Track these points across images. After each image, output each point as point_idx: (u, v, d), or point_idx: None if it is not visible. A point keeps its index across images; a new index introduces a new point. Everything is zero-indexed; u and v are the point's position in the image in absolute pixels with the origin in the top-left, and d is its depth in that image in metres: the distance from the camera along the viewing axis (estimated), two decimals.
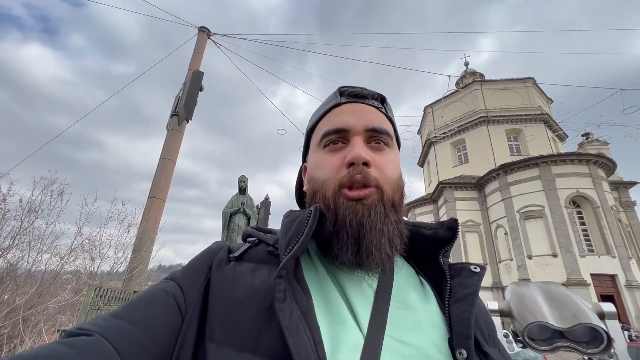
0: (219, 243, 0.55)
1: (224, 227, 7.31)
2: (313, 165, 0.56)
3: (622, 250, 18.51)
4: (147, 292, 0.45)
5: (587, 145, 26.70)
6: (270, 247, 0.51)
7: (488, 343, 0.46)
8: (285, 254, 0.44)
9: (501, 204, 21.87)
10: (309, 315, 0.41)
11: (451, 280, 0.49)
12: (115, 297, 5.32)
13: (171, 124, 8.37)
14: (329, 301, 0.45)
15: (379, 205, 0.48)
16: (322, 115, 0.58)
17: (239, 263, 0.50)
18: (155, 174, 8.03)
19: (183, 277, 0.48)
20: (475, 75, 31.87)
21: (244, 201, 7.59)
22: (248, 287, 0.45)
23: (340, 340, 0.40)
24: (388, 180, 0.51)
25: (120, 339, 0.37)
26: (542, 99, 28.67)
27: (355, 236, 0.46)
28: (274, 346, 0.38)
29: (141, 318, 0.40)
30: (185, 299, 0.45)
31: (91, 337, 0.36)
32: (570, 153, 21.39)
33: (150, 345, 0.39)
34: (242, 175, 7.88)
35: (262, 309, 0.42)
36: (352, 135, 0.53)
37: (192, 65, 9.23)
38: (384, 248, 0.46)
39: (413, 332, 0.43)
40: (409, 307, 0.47)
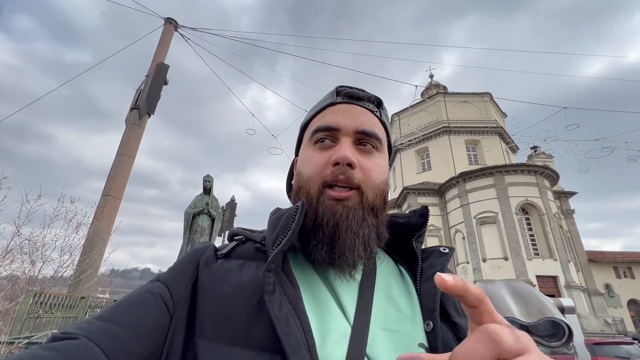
0: (204, 243, 0.56)
1: (186, 228, 6.97)
2: (302, 160, 0.57)
3: (563, 254, 20.38)
4: (133, 294, 0.45)
5: (535, 158, 29.14)
6: (258, 244, 0.52)
7: (461, 314, 0.49)
8: (273, 249, 0.45)
9: (460, 210, 23.16)
10: (298, 307, 0.41)
11: (423, 263, 0.52)
12: (59, 304, 4.84)
13: (131, 118, 7.84)
14: (317, 294, 0.46)
15: (358, 208, 0.49)
16: (317, 112, 0.59)
17: (226, 260, 0.50)
18: (111, 171, 7.46)
19: (169, 277, 0.48)
20: (439, 87, 33.61)
21: (209, 202, 7.30)
22: (236, 282, 0.45)
23: (329, 329, 0.42)
24: (371, 184, 0.51)
25: (108, 342, 0.37)
26: (498, 113, 30.91)
27: (330, 236, 0.47)
28: (265, 338, 0.39)
29: (128, 319, 0.40)
30: (173, 298, 0.45)
31: (77, 341, 0.35)
32: (520, 164, 23.27)
33: (138, 346, 0.39)
34: (207, 175, 7.58)
35: (251, 303, 0.42)
36: (342, 135, 0.53)
37: (157, 57, 8.75)
38: (357, 251, 0.47)
39: (396, 319, 0.46)
40: (391, 297, 0.49)
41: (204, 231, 7.01)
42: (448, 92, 31.35)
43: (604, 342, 7.80)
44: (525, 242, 20.32)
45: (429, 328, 0.44)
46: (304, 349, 0.37)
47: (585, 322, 19.04)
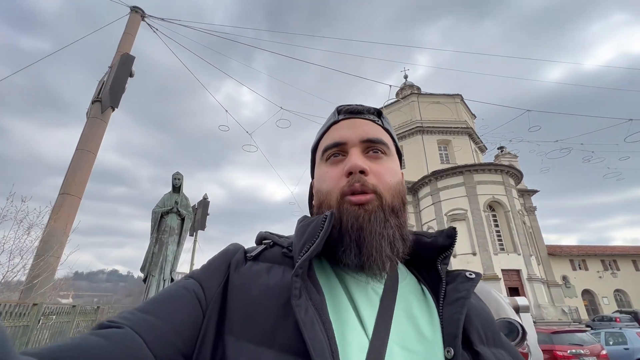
0: (235, 245, 0.58)
1: (154, 228, 6.66)
2: (318, 178, 0.59)
3: (525, 248, 21.63)
4: (170, 289, 0.48)
5: (501, 157, 30.65)
6: (285, 249, 0.54)
7: (485, 343, 0.48)
8: (301, 255, 0.47)
9: (432, 207, 23.92)
10: (322, 312, 0.43)
11: (447, 286, 0.52)
12: (8, 312, 4.44)
13: (92, 111, 7.34)
14: (338, 303, 0.47)
15: (378, 210, 0.51)
16: (322, 133, 0.62)
17: (255, 263, 0.52)
18: (70, 167, 6.96)
19: (203, 275, 0.50)
20: (413, 87, 34.45)
21: (178, 200, 7.01)
22: (264, 285, 0.47)
23: (347, 340, 0.42)
24: (387, 186, 0.53)
25: (148, 332, 0.39)
26: (468, 114, 32.17)
27: (356, 239, 0.49)
28: (290, 340, 0.41)
29: (166, 313, 0.43)
30: (206, 296, 0.47)
31: (122, 330, 0.38)
32: (488, 163, 24.36)
33: (176, 338, 0.41)
34: (177, 173, 7.28)
35: (278, 305, 0.44)
36: (350, 147, 0.56)
37: (122, 47, 8.26)
38: (384, 251, 0.48)
39: (415, 339, 0.46)
40: (411, 315, 0.49)
41: (173, 231, 6.73)
42: (421, 93, 32.21)
43: (560, 331, 8.36)
44: (492, 238, 21.36)
45: (449, 355, 0.43)
46: (328, 354, 0.38)
47: (545, 312, 20.34)
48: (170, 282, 6.48)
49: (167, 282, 6.41)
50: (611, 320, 18.05)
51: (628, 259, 31.44)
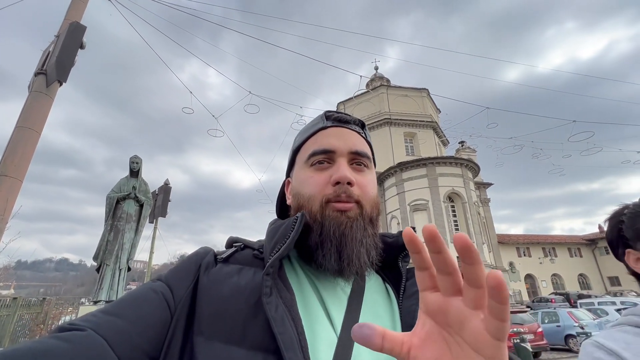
0: (205, 248, 0.59)
1: (109, 214, 6.24)
2: (300, 181, 0.60)
3: (479, 237, 23.27)
4: (136, 290, 0.48)
5: (461, 151, 32.37)
6: (256, 251, 0.55)
7: None
8: (272, 255, 0.48)
9: (396, 197, 24.82)
10: (292, 309, 0.44)
11: (407, 282, 0.55)
12: None
13: (36, 84, 6.60)
14: (308, 302, 0.49)
15: (359, 219, 0.53)
16: (309, 136, 0.62)
17: (225, 265, 0.53)
18: (8, 147, 6.24)
19: (171, 277, 0.51)
20: (383, 79, 34.98)
21: (136, 185, 6.61)
22: (235, 285, 0.48)
23: (317, 337, 0.44)
24: (368, 198, 0.56)
25: (113, 335, 0.39)
26: (433, 109, 33.41)
27: (337, 245, 0.50)
28: (260, 337, 0.42)
29: (132, 315, 0.42)
30: (174, 297, 0.47)
31: (84, 332, 0.38)
32: (450, 157, 25.68)
33: (142, 340, 0.41)
34: (135, 156, 6.83)
35: (248, 305, 0.45)
36: (338, 156, 0.57)
37: (71, 15, 7.43)
38: (362, 257, 0.51)
39: None
40: (376, 313, 0.52)
41: (130, 218, 6.36)
42: (390, 86, 32.83)
43: None
44: (450, 228, 22.69)
45: None
46: (298, 349, 0.39)
47: None
48: (127, 271, 6.17)
49: (124, 272, 6.10)
50: (548, 302, 20.22)
51: (564, 246, 35.10)
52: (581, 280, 34.07)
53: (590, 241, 35.51)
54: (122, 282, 6.07)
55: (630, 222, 0.81)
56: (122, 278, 6.07)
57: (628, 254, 0.81)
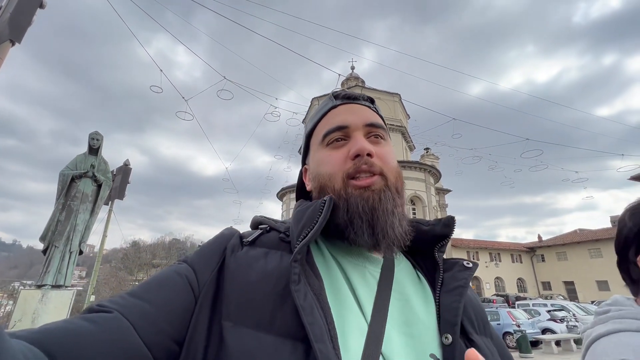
0: (230, 229, 0.57)
1: (61, 192, 5.75)
2: (317, 162, 0.58)
3: None
4: (162, 273, 0.47)
5: (426, 157, 33.93)
6: (282, 234, 0.53)
7: (477, 332, 0.49)
8: (299, 240, 0.46)
9: None
10: (321, 298, 0.43)
11: (444, 274, 0.52)
12: None
13: None
14: (337, 288, 0.47)
15: (386, 190, 0.51)
16: (320, 118, 0.61)
17: (252, 248, 0.51)
18: None
19: (196, 260, 0.49)
20: (358, 80, 35.47)
21: (95, 164, 6.15)
22: (262, 270, 0.46)
23: (347, 325, 0.42)
24: (390, 168, 0.54)
25: (138, 318, 0.39)
26: (403, 114, 34.55)
27: (369, 220, 0.49)
28: (288, 325, 0.41)
29: (157, 298, 0.42)
30: (199, 281, 0.46)
31: (111, 314, 0.38)
32: (415, 162, 26.85)
33: (166, 324, 0.41)
34: (96, 132, 6.35)
35: (276, 290, 0.44)
36: (353, 130, 0.56)
37: None
38: (397, 228, 0.49)
39: (411, 323, 0.46)
40: (407, 299, 0.49)
41: (85, 198, 5.91)
42: (365, 87, 33.40)
43: None
44: None
45: (447, 341, 0.44)
46: (327, 339, 0.38)
47: None
48: (78, 254, 5.75)
49: (75, 255, 5.68)
50: (490, 302, 21.97)
51: (508, 253, 38.28)
52: (519, 284, 37.47)
53: (530, 249, 39.12)
54: (71, 265, 5.65)
55: None
56: (72, 261, 5.65)
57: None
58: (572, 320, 13.01)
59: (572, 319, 13.11)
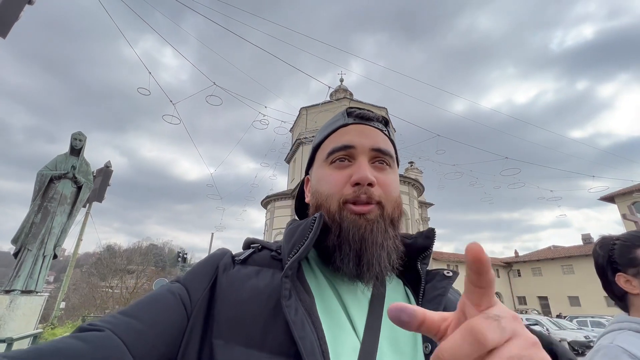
0: (223, 249, 0.57)
1: (38, 193, 5.54)
2: (318, 179, 0.58)
3: None
4: (155, 293, 0.47)
5: (410, 171, 34.58)
6: (273, 252, 0.54)
7: None
8: (290, 257, 0.47)
9: None
10: (312, 313, 0.43)
11: (426, 285, 0.53)
12: None
13: None
14: (328, 305, 0.47)
15: (380, 220, 0.51)
16: (329, 133, 0.60)
17: (243, 266, 0.52)
18: None
19: (189, 279, 0.50)
20: (347, 92, 36.09)
21: (76, 165, 5.98)
22: (253, 288, 0.47)
23: (339, 341, 0.43)
24: (389, 198, 0.53)
25: (131, 337, 0.39)
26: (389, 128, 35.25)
27: (357, 249, 0.49)
28: (279, 341, 0.41)
29: (150, 317, 0.42)
30: (191, 299, 0.47)
31: (103, 333, 0.38)
32: (399, 175, 27.24)
33: (159, 343, 0.41)
34: (79, 132, 6.19)
35: (267, 308, 0.44)
36: (359, 153, 0.55)
37: None
38: (383, 262, 0.49)
39: (402, 341, 0.46)
40: None
41: (64, 199, 5.72)
42: (353, 99, 34.00)
43: None
44: None
45: (427, 350, 0.44)
46: (319, 354, 0.38)
47: None
48: (52, 258, 5.51)
49: (49, 259, 5.44)
50: None
51: None
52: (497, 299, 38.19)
53: (507, 264, 40.18)
54: (44, 270, 5.40)
55: (621, 250, 0.98)
56: (45, 266, 5.40)
57: (619, 277, 0.96)
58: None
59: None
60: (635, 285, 0.94)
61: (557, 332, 13.72)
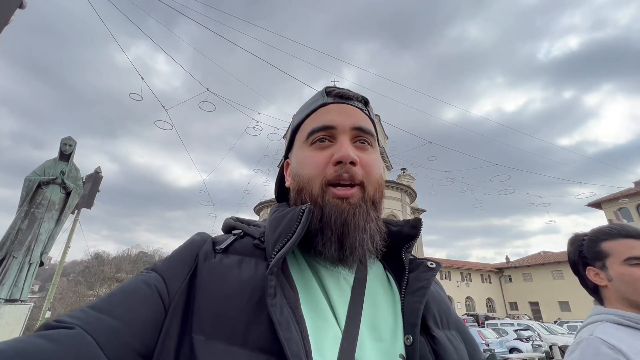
0: (202, 234, 0.54)
1: (25, 199, 5.42)
2: (298, 161, 0.56)
3: None
4: (128, 283, 0.44)
5: (402, 177, 34.84)
6: (257, 240, 0.52)
7: (440, 326, 0.50)
8: (275, 251, 0.44)
9: None
10: (297, 311, 0.42)
11: (409, 274, 0.52)
12: None
13: None
14: (312, 298, 0.46)
15: (362, 204, 0.50)
16: (308, 114, 0.58)
17: (225, 256, 0.49)
18: None
19: (166, 268, 0.47)
20: None
21: (65, 170, 5.88)
22: (236, 281, 0.45)
23: (322, 335, 0.42)
24: (371, 179, 0.52)
25: (103, 333, 0.36)
26: (382, 134, 35.67)
27: (339, 234, 0.48)
28: (263, 339, 0.39)
29: (123, 311, 0.39)
30: (169, 291, 0.44)
31: (72, 331, 0.35)
32: (392, 181, 27.53)
33: (133, 339, 0.38)
34: (69, 137, 6.10)
35: (251, 303, 0.42)
36: (339, 133, 0.53)
37: None
38: (366, 245, 0.48)
39: (382, 328, 0.47)
40: (377, 303, 0.49)
41: (52, 205, 5.60)
42: None
43: None
44: None
45: (408, 342, 0.44)
46: (303, 354, 0.37)
47: None
48: (39, 265, 5.37)
49: (35, 266, 5.30)
50: None
51: (478, 273, 39.44)
52: (488, 304, 38.50)
53: (499, 269, 40.55)
54: (30, 278, 5.26)
55: (588, 245, 1.03)
56: (31, 274, 5.26)
57: (589, 271, 1.01)
58: (537, 339, 13.51)
59: (537, 339, 13.61)
60: (603, 278, 0.98)
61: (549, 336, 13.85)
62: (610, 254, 0.97)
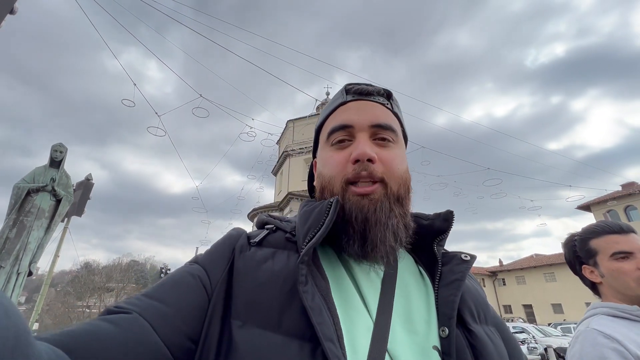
0: (238, 229, 0.58)
1: (14, 206, 5.30)
2: (322, 162, 0.58)
3: None
4: (175, 274, 0.48)
5: None
6: (288, 234, 0.54)
7: (477, 321, 0.49)
8: (306, 242, 0.46)
9: None
10: (328, 298, 0.44)
11: (442, 267, 0.52)
12: None
13: None
14: (343, 288, 0.48)
15: (384, 200, 0.50)
16: (329, 113, 0.60)
17: (259, 248, 0.52)
18: None
19: (207, 261, 0.50)
20: None
21: (56, 177, 5.77)
22: (269, 270, 0.48)
23: (354, 323, 0.44)
24: (394, 174, 0.52)
25: (156, 318, 0.40)
26: None
27: (361, 231, 0.49)
28: (295, 325, 0.41)
29: (173, 299, 0.43)
30: (211, 281, 0.47)
31: (130, 315, 0.39)
32: None
33: (183, 324, 0.42)
34: (60, 144, 6.00)
35: (283, 291, 0.44)
36: (357, 131, 0.54)
37: None
38: (389, 241, 0.48)
39: (415, 319, 0.47)
40: (410, 296, 0.50)
41: (42, 213, 5.48)
42: None
43: None
44: None
45: (444, 334, 0.44)
46: (335, 339, 0.39)
47: None
48: (27, 275, 5.23)
49: (23, 276, 5.16)
50: None
51: None
52: None
53: (492, 273, 40.83)
54: (18, 288, 5.11)
55: (580, 245, 1.08)
56: (19, 284, 5.12)
57: (585, 269, 1.06)
58: (532, 342, 13.58)
59: (532, 341, 13.69)
60: (597, 275, 1.03)
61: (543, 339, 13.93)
62: (598, 251, 1.03)
